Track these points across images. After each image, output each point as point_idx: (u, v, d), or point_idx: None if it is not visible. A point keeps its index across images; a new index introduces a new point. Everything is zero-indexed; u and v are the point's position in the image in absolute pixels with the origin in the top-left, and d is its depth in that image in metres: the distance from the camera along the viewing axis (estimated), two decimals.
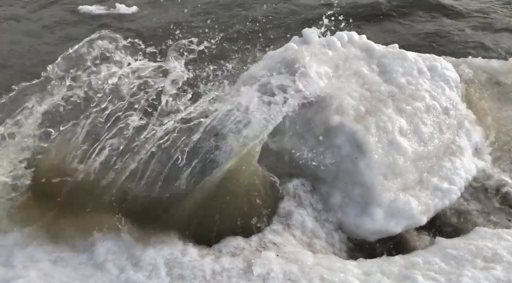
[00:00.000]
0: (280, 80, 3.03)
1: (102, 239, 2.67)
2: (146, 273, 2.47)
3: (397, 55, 3.57)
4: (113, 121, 3.06)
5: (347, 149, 2.96)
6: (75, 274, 2.47)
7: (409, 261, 2.64)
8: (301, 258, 2.57)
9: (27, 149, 2.99)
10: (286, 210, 2.98)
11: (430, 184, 3.15)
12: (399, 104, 3.22)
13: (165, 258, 2.56)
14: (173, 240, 2.72)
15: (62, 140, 3.08)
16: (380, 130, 3.00)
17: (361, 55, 3.56)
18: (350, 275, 2.46)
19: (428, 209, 3.03)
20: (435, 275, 2.42)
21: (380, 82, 3.38)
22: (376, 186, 2.88)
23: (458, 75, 3.82)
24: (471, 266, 2.51)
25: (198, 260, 2.56)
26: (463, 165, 3.36)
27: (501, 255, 2.58)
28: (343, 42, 3.61)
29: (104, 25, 6.55)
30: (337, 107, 3.07)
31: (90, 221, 2.83)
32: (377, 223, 2.89)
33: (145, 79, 3.13)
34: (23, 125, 2.97)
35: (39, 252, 2.61)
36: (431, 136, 3.20)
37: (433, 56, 3.79)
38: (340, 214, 3.01)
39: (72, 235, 2.75)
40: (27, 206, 2.92)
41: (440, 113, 3.37)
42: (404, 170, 2.99)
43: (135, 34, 6.18)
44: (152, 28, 6.53)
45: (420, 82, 3.47)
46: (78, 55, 3.02)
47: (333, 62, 3.44)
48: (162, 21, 6.72)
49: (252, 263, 2.50)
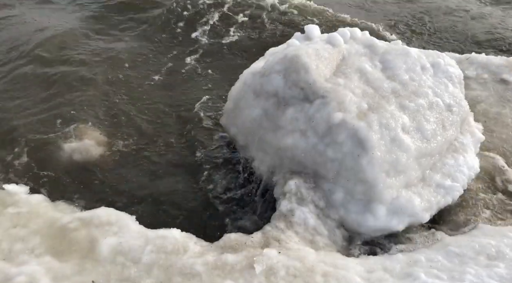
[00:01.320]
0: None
1: (104, 235, 2.67)
2: (147, 269, 2.46)
3: (400, 51, 3.54)
4: None
5: (349, 146, 2.95)
6: (77, 270, 2.47)
7: (411, 259, 2.63)
8: (303, 255, 2.57)
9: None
10: (288, 207, 2.97)
11: (433, 181, 3.13)
12: (402, 101, 3.21)
13: (167, 254, 2.55)
14: (174, 235, 2.72)
15: None
16: (382, 127, 2.98)
17: (363, 51, 3.54)
18: (353, 272, 2.45)
19: (430, 206, 3.02)
20: (438, 272, 2.41)
21: (382, 78, 3.36)
22: (379, 183, 2.87)
23: (461, 71, 3.79)
24: (474, 263, 2.51)
25: (200, 256, 2.55)
26: (466, 161, 3.34)
27: (505, 252, 2.57)
28: (346, 38, 3.58)
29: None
30: (339, 104, 3.05)
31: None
32: (379, 220, 2.88)
33: None
34: None
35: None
36: (434, 133, 3.18)
37: (436, 53, 3.76)
38: (342, 211, 3.00)
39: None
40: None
41: (443, 110, 3.35)
42: (407, 167, 2.97)
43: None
44: None
45: (423, 78, 3.45)
46: None
47: (335, 59, 3.42)
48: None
49: (254, 260, 2.49)
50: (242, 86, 3.76)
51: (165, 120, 4.29)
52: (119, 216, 2.87)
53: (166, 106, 4.47)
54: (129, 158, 3.83)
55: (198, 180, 3.63)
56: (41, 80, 4.74)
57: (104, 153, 3.83)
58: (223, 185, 3.60)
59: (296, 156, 3.19)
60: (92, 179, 3.58)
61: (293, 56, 3.28)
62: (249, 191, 3.51)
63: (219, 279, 2.41)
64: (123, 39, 5.65)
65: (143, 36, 5.72)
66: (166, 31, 5.82)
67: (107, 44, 5.49)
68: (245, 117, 3.55)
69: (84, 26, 5.88)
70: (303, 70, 3.22)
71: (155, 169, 3.73)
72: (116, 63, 5.04)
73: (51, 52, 5.20)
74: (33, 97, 4.47)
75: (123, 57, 5.16)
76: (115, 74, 4.84)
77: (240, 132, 3.65)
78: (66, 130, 4.00)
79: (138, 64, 5.10)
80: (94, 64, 4.99)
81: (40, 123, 4.09)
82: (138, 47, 5.46)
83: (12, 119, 4.14)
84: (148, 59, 5.23)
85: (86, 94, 4.49)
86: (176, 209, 3.38)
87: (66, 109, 4.26)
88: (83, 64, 5.00)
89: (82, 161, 3.73)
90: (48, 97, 4.47)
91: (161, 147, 3.96)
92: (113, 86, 4.66)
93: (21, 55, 5.15)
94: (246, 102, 3.60)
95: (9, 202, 3.02)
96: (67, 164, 3.69)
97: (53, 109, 4.28)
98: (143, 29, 5.87)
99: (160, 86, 4.77)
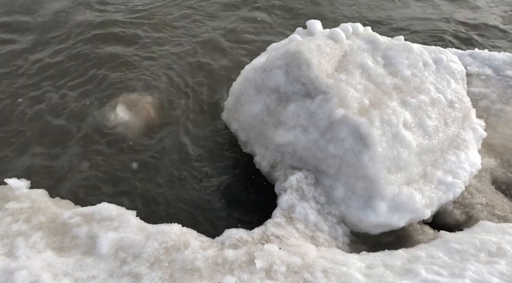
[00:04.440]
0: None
1: (105, 231, 2.67)
2: (148, 264, 2.47)
3: (402, 47, 3.52)
4: None
5: (351, 142, 2.94)
6: (78, 265, 2.47)
7: (412, 255, 2.63)
8: (304, 251, 2.56)
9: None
10: (289, 203, 2.97)
11: (434, 178, 3.13)
12: (404, 97, 3.19)
13: (167, 250, 2.55)
14: (174, 230, 2.71)
15: None
16: (384, 124, 2.97)
17: (366, 47, 3.52)
18: (353, 268, 2.45)
19: (432, 202, 3.01)
20: (438, 269, 2.41)
21: (384, 74, 3.34)
22: (380, 179, 2.86)
23: (463, 67, 3.77)
24: (474, 260, 2.50)
25: (201, 252, 2.56)
26: (467, 158, 3.33)
27: (505, 249, 2.56)
28: (348, 33, 3.56)
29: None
30: (341, 100, 3.04)
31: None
32: (380, 217, 2.88)
33: None
34: None
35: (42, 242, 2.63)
36: (435, 130, 3.17)
37: (439, 48, 3.74)
38: (343, 207, 3.00)
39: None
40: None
41: (445, 106, 3.33)
42: (408, 163, 2.96)
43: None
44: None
45: (425, 74, 3.44)
46: None
47: (337, 54, 3.40)
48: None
49: (255, 255, 2.49)
50: (243, 82, 3.75)
51: (161, 114, 4.29)
52: (119, 211, 2.87)
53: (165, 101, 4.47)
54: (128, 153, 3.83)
55: (200, 175, 3.63)
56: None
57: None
58: (224, 180, 3.61)
59: (297, 152, 3.18)
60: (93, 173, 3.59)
61: (295, 51, 3.27)
62: (250, 186, 3.51)
63: (220, 274, 2.41)
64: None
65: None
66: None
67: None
68: (246, 113, 3.55)
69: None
70: (305, 65, 3.20)
71: (155, 163, 3.73)
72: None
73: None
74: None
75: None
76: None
77: (242, 128, 3.64)
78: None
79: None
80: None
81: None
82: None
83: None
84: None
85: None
86: (177, 204, 3.38)
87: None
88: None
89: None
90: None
91: (158, 142, 3.95)
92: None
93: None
94: (248, 97, 3.59)
95: (10, 197, 3.02)
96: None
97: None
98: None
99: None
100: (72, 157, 3.70)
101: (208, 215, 3.31)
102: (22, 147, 3.78)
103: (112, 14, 5.87)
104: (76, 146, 3.82)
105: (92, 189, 3.45)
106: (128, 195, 3.43)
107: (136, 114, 4.18)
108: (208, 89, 4.63)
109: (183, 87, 4.65)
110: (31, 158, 3.67)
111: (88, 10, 5.93)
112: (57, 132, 3.95)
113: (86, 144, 3.85)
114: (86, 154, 3.75)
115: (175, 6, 6.23)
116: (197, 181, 3.58)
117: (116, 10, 5.97)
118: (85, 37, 5.30)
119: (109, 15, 5.84)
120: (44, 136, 3.90)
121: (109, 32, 5.43)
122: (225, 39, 5.58)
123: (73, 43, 5.21)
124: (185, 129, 4.10)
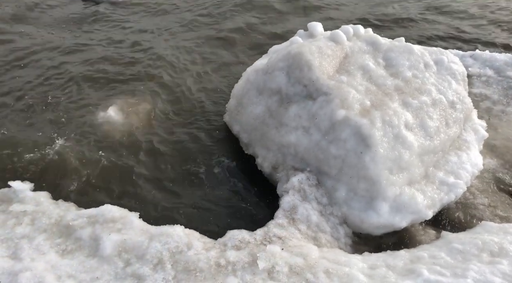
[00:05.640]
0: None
1: (108, 233, 2.68)
2: (151, 265, 2.48)
3: (403, 48, 3.54)
4: None
5: (352, 143, 2.95)
6: (82, 267, 2.49)
7: (414, 255, 2.63)
8: (306, 251, 2.57)
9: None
10: (291, 204, 2.97)
11: (436, 178, 3.13)
12: (405, 98, 3.20)
13: (170, 251, 2.56)
14: (177, 232, 2.73)
15: None
16: (385, 124, 2.98)
17: (366, 48, 3.54)
18: (355, 268, 2.46)
19: (433, 203, 3.02)
20: (441, 269, 2.41)
21: (386, 76, 3.36)
22: (382, 180, 2.87)
23: (464, 68, 3.78)
24: (477, 260, 2.50)
25: (204, 253, 2.56)
26: (469, 159, 3.33)
27: (508, 249, 2.56)
28: (349, 35, 3.58)
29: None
30: (342, 101, 3.05)
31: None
32: (382, 218, 2.88)
33: None
34: None
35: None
36: (437, 131, 3.17)
37: (440, 50, 3.76)
38: (345, 208, 3.00)
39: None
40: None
41: (447, 107, 3.34)
42: (410, 164, 2.97)
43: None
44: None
45: (426, 76, 3.45)
46: None
47: (339, 56, 3.42)
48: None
49: (257, 256, 2.50)
50: (245, 84, 3.77)
51: (165, 116, 4.31)
52: (122, 213, 2.88)
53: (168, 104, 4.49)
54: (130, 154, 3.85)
55: (202, 177, 3.64)
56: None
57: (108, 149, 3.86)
58: (226, 182, 3.61)
59: (299, 153, 3.19)
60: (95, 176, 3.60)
61: (296, 53, 3.28)
62: (252, 187, 3.52)
63: (223, 275, 2.42)
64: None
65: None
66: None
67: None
68: (248, 115, 3.56)
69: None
70: (306, 67, 3.22)
71: (158, 165, 3.74)
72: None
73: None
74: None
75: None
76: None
77: (243, 130, 3.65)
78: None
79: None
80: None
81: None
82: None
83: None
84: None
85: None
86: (179, 206, 3.39)
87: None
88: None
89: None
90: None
91: (161, 144, 3.97)
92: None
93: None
94: (249, 99, 3.60)
95: (14, 199, 3.04)
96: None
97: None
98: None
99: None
100: (72, 157, 3.72)
101: (210, 216, 3.31)
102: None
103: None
104: (76, 145, 3.84)
105: (95, 191, 3.46)
106: (131, 197, 3.43)
107: (136, 115, 4.20)
108: (209, 90, 4.67)
109: (185, 89, 4.68)
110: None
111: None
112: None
113: (86, 143, 3.87)
114: (87, 154, 3.76)
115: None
116: (200, 183, 3.59)
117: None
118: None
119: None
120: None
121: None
122: (226, 44, 5.65)
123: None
124: (187, 132, 4.11)
